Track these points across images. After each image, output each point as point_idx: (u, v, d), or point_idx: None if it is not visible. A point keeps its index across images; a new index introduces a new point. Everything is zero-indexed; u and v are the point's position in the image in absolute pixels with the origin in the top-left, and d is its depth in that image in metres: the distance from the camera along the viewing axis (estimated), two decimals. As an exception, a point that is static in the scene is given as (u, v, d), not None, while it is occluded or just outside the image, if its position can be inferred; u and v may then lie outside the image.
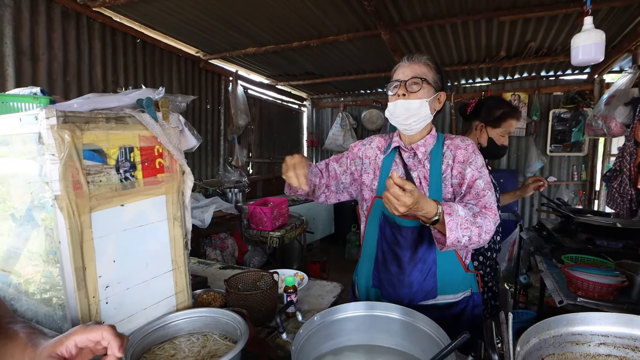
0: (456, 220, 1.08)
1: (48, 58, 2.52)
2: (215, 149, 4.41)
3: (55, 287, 0.91)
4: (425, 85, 1.29)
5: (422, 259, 1.28)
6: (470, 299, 1.36)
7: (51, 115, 0.75)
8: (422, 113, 1.29)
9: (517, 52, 3.86)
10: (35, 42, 2.44)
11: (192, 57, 3.87)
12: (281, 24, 3.08)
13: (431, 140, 1.36)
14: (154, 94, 0.97)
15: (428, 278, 1.29)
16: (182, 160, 1.05)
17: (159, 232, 1.04)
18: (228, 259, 3.25)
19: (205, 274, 1.78)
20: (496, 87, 5.23)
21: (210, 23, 3.06)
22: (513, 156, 5.31)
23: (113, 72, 3.01)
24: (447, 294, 1.33)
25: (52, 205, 0.80)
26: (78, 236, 0.82)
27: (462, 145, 1.32)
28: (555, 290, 1.81)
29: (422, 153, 1.35)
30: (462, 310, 1.34)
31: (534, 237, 2.84)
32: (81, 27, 2.73)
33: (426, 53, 3.76)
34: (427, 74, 1.31)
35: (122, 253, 0.94)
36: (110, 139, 0.87)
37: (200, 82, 4.08)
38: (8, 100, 0.97)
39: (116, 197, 0.90)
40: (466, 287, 1.37)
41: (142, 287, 1.02)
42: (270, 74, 4.92)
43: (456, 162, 1.30)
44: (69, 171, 0.78)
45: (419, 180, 1.33)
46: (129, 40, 3.13)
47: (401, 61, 1.35)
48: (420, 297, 1.30)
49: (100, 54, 2.88)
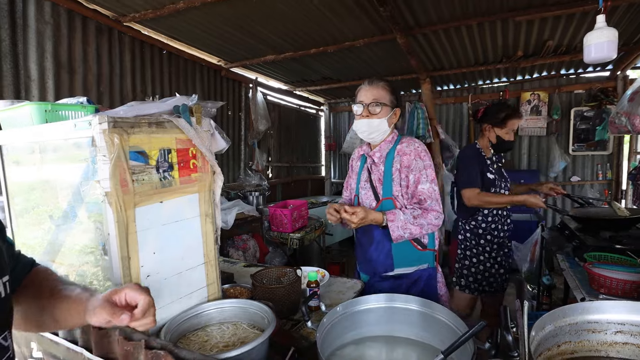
0: (397, 224, 1.51)
1: (83, 70, 2.68)
2: (237, 153, 4.54)
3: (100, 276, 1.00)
4: (383, 107, 1.60)
5: (376, 241, 1.65)
6: (425, 272, 1.69)
7: (103, 120, 0.84)
8: (382, 129, 1.62)
9: (534, 51, 3.83)
10: (72, 56, 2.61)
11: (214, 66, 4.01)
12: (299, 31, 3.18)
13: (386, 145, 1.67)
14: (189, 100, 1.06)
15: (384, 256, 1.65)
16: (213, 161, 1.14)
17: (192, 227, 1.13)
18: (250, 259, 3.34)
19: (231, 271, 1.86)
20: (514, 87, 5.18)
21: (231, 33, 3.18)
22: (534, 156, 5.23)
23: (142, 82, 3.17)
24: (402, 267, 1.67)
25: (102, 201, 0.89)
26: (124, 229, 0.91)
27: (407, 151, 1.61)
28: (578, 287, 1.80)
29: (378, 158, 1.67)
30: (415, 279, 1.68)
31: (556, 236, 2.81)
32: (113, 41, 2.90)
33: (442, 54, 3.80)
34: (385, 97, 1.61)
35: (161, 245, 1.02)
36: (151, 142, 0.96)
37: (222, 90, 4.22)
38: (59, 109, 1.08)
39: (156, 195, 0.99)
40: (422, 263, 1.69)
41: (177, 277, 1.10)
42: (289, 80, 5.03)
43: (402, 167, 1.61)
44: (118, 170, 0.87)
45: (376, 181, 1.66)
46: (155, 52, 3.29)
47: (362, 84, 1.66)
48: (382, 270, 1.67)
49: (130, 66, 3.04)
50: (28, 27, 2.34)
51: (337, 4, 2.64)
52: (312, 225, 3.90)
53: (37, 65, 2.38)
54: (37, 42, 2.37)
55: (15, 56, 2.28)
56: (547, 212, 5.25)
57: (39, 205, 1.19)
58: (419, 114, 4.59)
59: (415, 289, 1.66)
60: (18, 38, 2.29)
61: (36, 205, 1.20)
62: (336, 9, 2.73)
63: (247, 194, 4.14)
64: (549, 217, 5.24)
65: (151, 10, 2.69)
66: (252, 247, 3.45)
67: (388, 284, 1.68)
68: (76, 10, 2.58)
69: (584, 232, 2.47)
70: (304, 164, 6.13)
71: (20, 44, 2.30)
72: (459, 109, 5.58)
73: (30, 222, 1.16)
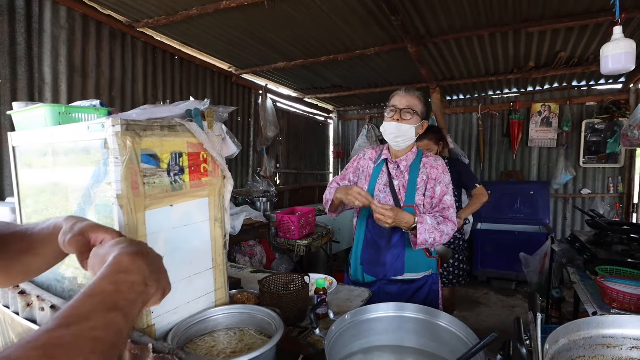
0: (425, 227, 1.55)
1: (96, 75, 2.72)
2: (245, 159, 4.56)
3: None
4: (414, 115, 1.65)
5: (394, 245, 1.70)
6: (430, 277, 1.77)
7: (116, 123, 0.84)
8: (409, 135, 1.67)
9: (546, 62, 3.82)
10: (85, 60, 2.65)
11: (224, 72, 4.05)
12: (310, 38, 3.20)
13: (412, 156, 1.75)
14: (201, 105, 1.06)
15: (398, 260, 1.70)
16: (223, 165, 1.14)
17: (202, 231, 1.12)
18: (256, 265, 3.33)
19: (238, 276, 1.85)
20: (525, 97, 5.16)
21: (242, 40, 3.22)
22: (544, 167, 5.18)
23: (153, 86, 3.20)
24: (411, 272, 1.73)
25: (112, 203, 0.89)
26: (134, 231, 0.91)
27: (434, 165, 1.72)
28: (589, 301, 1.77)
29: (404, 166, 1.73)
30: (422, 284, 1.75)
31: (566, 249, 2.77)
32: (126, 46, 2.94)
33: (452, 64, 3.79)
34: (417, 106, 1.67)
35: (170, 249, 1.02)
36: (163, 145, 0.96)
37: (232, 96, 4.25)
38: (73, 111, 1.09)
39: (166, 198, 0.99)
40: (427, 269, 1.76)
41: (186, 282, 1.10)
42: (298, 87, 5.06)
43: (430, 178, 1.70)
44: (129, 173, 0.88)
45: (399, 187, 1.72)
46: (167, 57, 3.33)
47: (399, 90, 1.71)
48: (391, 273, 1.71)
49: (142, 70, 3.09)
50: (43, 31, 2.39)
51: (349, 12, 2.66)
52: (319, 232, 3.89)
53: (50, 69, 2.42)
54: (51, 45, 2.42)
55: (30, 59, 2.32)
56: (557, 225, 5.18)
57: (48, 208, 1.20)
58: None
59: (421, 294, 1.74)
60: (33, 42, 2.33)
61: (45, 207, 1.21)
62: (347, 17, 2.74)
63: (254, 199, 4.15)
64: (559, 229, 5.17)
65: (164, 16, 2.73)
66: (259, 253, 3.44)
67: (396, 288, 1.72)
68: (91, 16, 2.63)
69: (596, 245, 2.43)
70: (311, 171, 6.13)
71: (35, 47, 2.35)
72: (469, 118, 5.56)
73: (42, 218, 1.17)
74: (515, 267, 3.97)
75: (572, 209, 5.03)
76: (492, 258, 4.76)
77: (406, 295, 1.71)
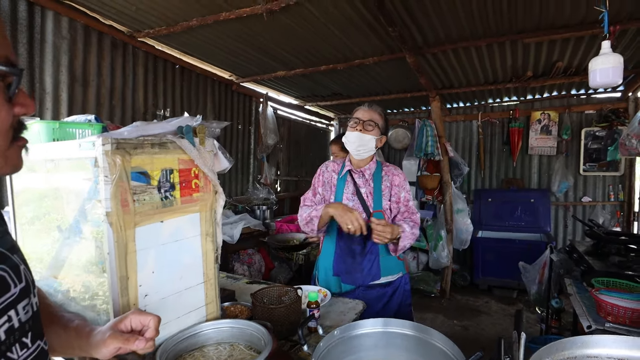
0: (405, 234, 1.71)
1: (97, 84, 2.75)
2: (245, 167, 4.58)
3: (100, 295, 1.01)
4: (376, 128, 1.80)
5: (369, 251, 1.78)
6: (402, 279, 1.91)
7: (107, 142, 0.86)
8: (370, 145, 1.80)
9: (544, 72, 3.82)
10: (86, 70, 2.68)
11: (225, 81, 4.08)
12: (309, 49, 3.22)
13: (373, 165, 1.88)
14: (192, 121, 1.08)
15: (374, 265, 1.79)
16: (215, 181, 1.15)
17: (193, 246, 1.13)
18: (255, 274, 3.33)
19: (233, 287, 1.85)
20: (525, 106, 5.16)
21: (242, 49, 3.24)
22: (544, 175, 5.17)
23: (153, 96, 3.24)
24: (387, 276, 1.84)
25: (103, 221, 0.90)
26: (124, 248, 0.92)
27: (396, 173, 1.88)
28: (584, 314, 1.76)
29: (369, 174, 1.86)
30: (397, 286, 1.87)
31: (564, 259, 2.75)
32: (127, 56, 2.98)
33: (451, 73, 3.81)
34: (379, 120, 1.82)
35: (160, 265, 1.03)
36: (154, 162, 0.98)
37: (233, 104, 4.28)
38: (67, 127, 1.11)
39: (157, 214, 1.00)
40: (399, 270, 1.89)
41: (176, 297, 1.11)
42: (299, 95, 5.09)
43: (393, 185, 1.84)
44: (119, 191, 0.89)
45: (367, 195, 1.83)
46: (168, 66, 3.37)
47: (362, 106, 1.87)
48: (369, 279, 1.80)
49: (143, 80, 3.12)
50: (45, 42, 2.42)
51: (347, 23, 2.68)
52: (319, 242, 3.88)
53: (52, 79, 2.45)
54: (53, 56, 2.45)
55: (31, 70, 2.35)
56: (558, 233, 5.15)
57: (50, 213, 1.21)
58: (427, 132, 4.57)
59: (397, 295, 1.87)
60: (35, 52, 2.37)
61: (47, 212, 1.23)
62: (346, 28, 2.77)
63: (254, 207, 4.16)
64: (560, 238, 5.14)
65: (165, 27, 2.76)
66: (258, 262, 3.44)
67: (375, 293, 1.81)
68: (92, 26, 2.66)
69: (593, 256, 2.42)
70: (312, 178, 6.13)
71: (37, 57, 2.38)
72: (469, 126, 5.56)
73: (42, 229, 1.18)
74: (516, 276, 3.94)
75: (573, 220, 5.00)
76: (493, 266, 4.73)
77: (384, 298, 1.83)
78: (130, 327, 0.78)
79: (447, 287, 4.66)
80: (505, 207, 5.09)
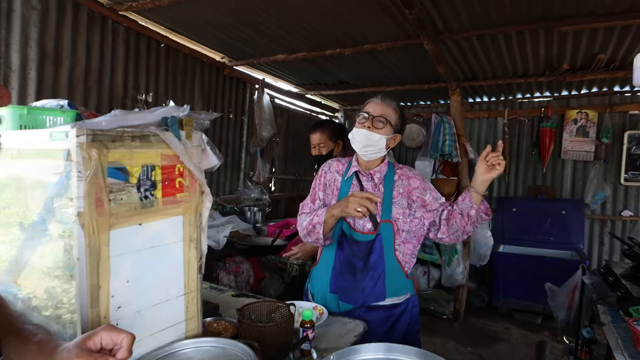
0: None
1: (71, 62, 2.77)
2: (236, 162, 4.60)
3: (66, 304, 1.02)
4: (388, 125, 1.75)
5: (373, 267, 1.74)
6: (410, 300, 1.86)
7: (82, 133, 0.87)
8: (379, 146, 1.75)
9: (583, 65, 3.83)
10: (59, 45, 2.69)
11: (216, 63, 4.10)
12: (314, 30, 3.24)
13: (385, 168, 1.84)
14: (179, 111, 1.09)
15: (378, 283, 1.75)
16: (202, 180, 1.16)
17: (173, 253, 1.15)
18: (242, 285, 3.34)
19: (217, 300, 1.87)
20: (559, 103, 5.17)
21: (238, 28, 3.26)
22: (578, 184, 5.17)
23: (135, 78, 3.25)
24: (393, 297, 1.79)
25: (73, 221, 0.92)
26: (96, 254, 0.94)
27: (411, 175, 1.84)
28: (619, 348, 1.76)
29: (378, 178, 1.82)
30: (404, 309, 1.83)
31: (598, 282, 2.77)
32: (106, 31, 2.99)
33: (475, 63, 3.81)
34: (392, 117, 1.77)
35: (136, 273, 1.05)
36: (134, 157, 0.99)
37: (224, 90, 4.30)
38: (37, 114, 1.12)
39: (135, 216, 1.02)
40: (407, 291, 1.84)
41: (153, 310, 1.12)
42: (300, 82, 5.10)
43: (412, 189, 1.80)
44: (93, 188, 0.90)
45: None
46: (152, 45, 3.38)
47: (374, 98, 1.81)
48: (372, 299, 1.77)
49: (123, 59, 3.13)
50: (13, 11, 2.42)
51: (357, 2, 2.68)
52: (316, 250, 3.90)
53: (19, 54, 2.46)
54: (21, 28, 2.45)
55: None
56: (593, 251, 5.15)
57: (10, 206, 1.22)
58: (445, 129, 4.58)
59: (404, 320, 1.83)
60: (1, 24, 2.37)
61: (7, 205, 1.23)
62: (355, 8, 2.78)
63: (244, 208, 4.18)
64: (594, 257, 5.12)
65: (150, 0, 2.78)
66: (246, 272, 3.46)
67: (377, 315, 1.78)
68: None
69: (632, 280, 2.43)
70: (312, 177, 6.14)
71: (2, 30, 2.39)
72: (493, 124, 5.58)
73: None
74: (542, 299, 3.96)
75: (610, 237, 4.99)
76: (516, 286, 4.74)
77: (389, 322, 1.80)
78: (100, 345, 0.79)
79: (462, 308, 4.67)
80: (532, 219, 5.09)
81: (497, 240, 4.95)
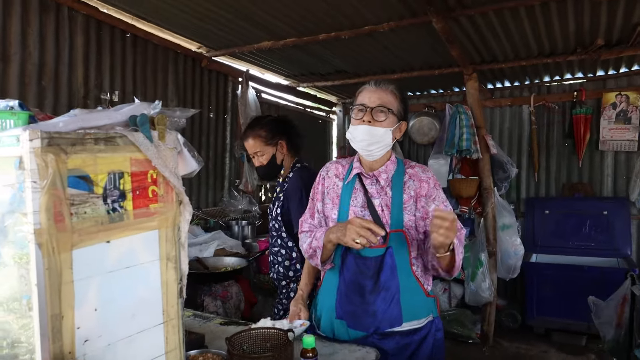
0: (458, 247, 1.63)
1: (21, 58, 2.78)
2: (219, 169, 4.60)
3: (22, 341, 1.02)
4: (390, 115, 1.73)
5: (384, 286, 1.70)
6: (432, 324, 1.81)
7: (35, 137, 0.87)
8: (385, 141, 1.73)
9: (621, 39, 3.85)
10: (7, 39, 2.71)
11: (192, 54, 4.12)
12: (304, 12, 3.26)
13: (392, 166, 1.82)
14: (149, 108, 1.09)
15: (392, 305, 1.71)
16: (179, 187, 1.16)
17: (149, 275, 1.14)
18: (231, 312, 3.33)
19: (203, 330, 1.86)
20: (594, 85, 5.21)
21: (215, 12, 3.27)
22: (620, 179, 5.18)
23: (97, 73, 3.26)
24: (412, 321, 1.75)
25: (29, 241, 0.91)
26: (57, 278, 0.93)
27: (424, 178, 1.79)
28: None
29: (385, 180, 1.79)
30: (425, 334, 1.78)
31: (649, 292, 2.76)
32: (61, 20, 3.00)
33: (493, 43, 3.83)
34: (393, 104, 1.75)
35: (105, 300, 1.04)
36: (98, 163, 0.98)
37: (202, 85, 4.32)
38: (-17, 117, 1.12)
39: (102, 232, 1.01)
40: (428, 312, 1.81)
41: (126, 343, 1.11)
42: (290, 73, 5.13)
43: (420, 195, 1.77)
44: (52, 201, 0.90)
45: (381, 208, 1.76)
46: (117, 35, 3.40)
47: (366, 85, 1.80)
48: (386, 325, 1.72)
49: (83, 53, 3.15)
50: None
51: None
52: (316, 268, 3.90)
53: (-41, 51, 2.47)
54: (-39, 21, 2.48)
55: None
56: (643, 257, 5.15)
57: None
58: (462, 121, 4.59)
59: (425, 348, 1.77)
60: None
61: None
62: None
63: (231, 222, 4.18)
64: (645, 263, 5.14)
65: (112, -17, 2.80)
66: (235, 296, 3.45)
67: (393, 343, 1.74)
68: (13, -20, 2.70)
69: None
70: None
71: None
72: (517, 113, 5.61)
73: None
74: (585, 315, 3.93)
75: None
76: (553, 302, 4.73)
77: (408, 351, 1.75)
78: None
79: (490, 330, 4.66)
80: (568, 222, 5.10)
81: (529, 248, 4.95)
